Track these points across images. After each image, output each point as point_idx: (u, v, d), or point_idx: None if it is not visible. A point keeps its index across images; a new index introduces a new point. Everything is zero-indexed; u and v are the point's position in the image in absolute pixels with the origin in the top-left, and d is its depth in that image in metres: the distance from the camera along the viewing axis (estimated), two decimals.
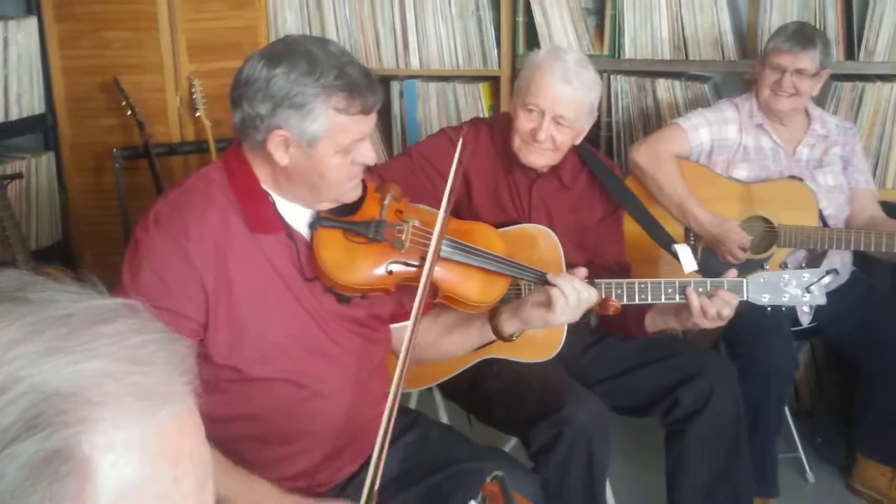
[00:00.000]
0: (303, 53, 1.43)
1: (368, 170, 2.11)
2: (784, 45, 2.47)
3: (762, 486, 2.44)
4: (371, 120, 1.50)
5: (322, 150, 1.45)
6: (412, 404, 2.37)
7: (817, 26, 2.83)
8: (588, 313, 1.74)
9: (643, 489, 2.64)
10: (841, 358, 2.83)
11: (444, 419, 2.31)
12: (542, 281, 1.73)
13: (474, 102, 3.29)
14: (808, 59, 2.46)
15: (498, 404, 2.04)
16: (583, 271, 1.73)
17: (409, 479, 1.65)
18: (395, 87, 3.41)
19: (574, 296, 1.67)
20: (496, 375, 2.04)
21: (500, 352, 2.05)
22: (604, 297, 1.79)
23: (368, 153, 1.51)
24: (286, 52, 1.44)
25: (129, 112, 3.07)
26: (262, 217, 1.50)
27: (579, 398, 1.91)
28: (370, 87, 1.46)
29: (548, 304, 1.68)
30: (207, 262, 1.45)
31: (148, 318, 0.61)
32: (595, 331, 2.21)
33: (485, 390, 2.05)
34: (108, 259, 3.13)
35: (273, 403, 1.53)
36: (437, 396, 2.30)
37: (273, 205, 1.52)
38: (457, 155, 1.59)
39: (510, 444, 2.35)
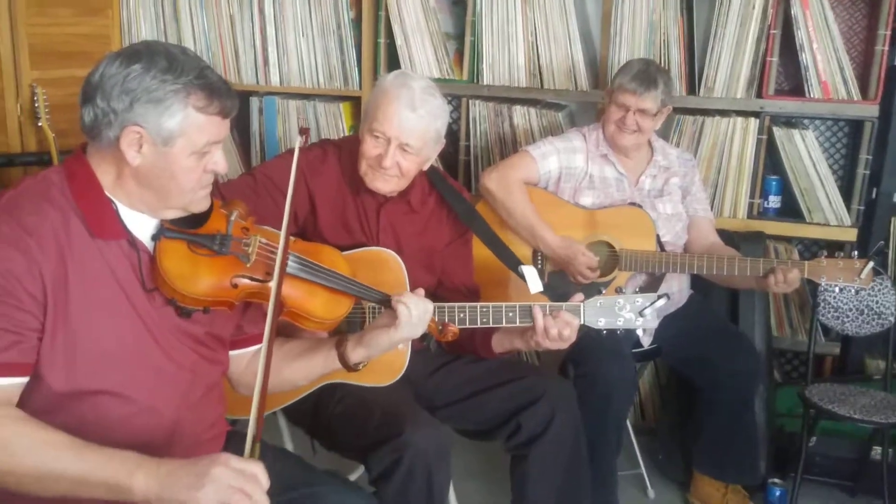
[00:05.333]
0: (162, 53, 1.44)
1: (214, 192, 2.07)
2: (629, 85, 2.57)
3: (602, 502, 2.51)
4: (226, 125, 1.51)
5: (177, 149, 1.44)
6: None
7: (662, 62, 2.98)
8: (427, 336, 1.77)
9: None
10: (681, 377, 2.96)
11: (289, 444, 2.27)
12: (386, 301, 1.76)
13: (335, 121, 3.28)
14: (650, 100, 2.58)
15: (340, 430, 2.01)
16: (420, 290, 1.78)
17: None
18: (255, 102, 3.36)
19: (416, 310, 1.72)
20: (339, 400, 2.02)
21: (345, 376, 2.03)
22: (444, 322, 1.82)
23: (220, 161, 1.51)
24: (145, 51, 1.45)
25: None
26: (104, 222, 1.46)
27: (419, 423, 1.90)
28: (228, 92, 1.49)
29: (391, 323, 1.72)
30: (48, 260, 1.39)
31: None
32: (445, 351, 2.25)
33: (327, 415, 2.03)
34: None
35: (97, 417, 1.45)
36: (282, 422, 2.25)
37: (116, 211, 1.48)
38: (294, 161, 1.58)
39: (358, 471, 2.33)
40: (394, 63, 3.24)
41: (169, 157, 1.44)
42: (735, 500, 2.71)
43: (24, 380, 1.40)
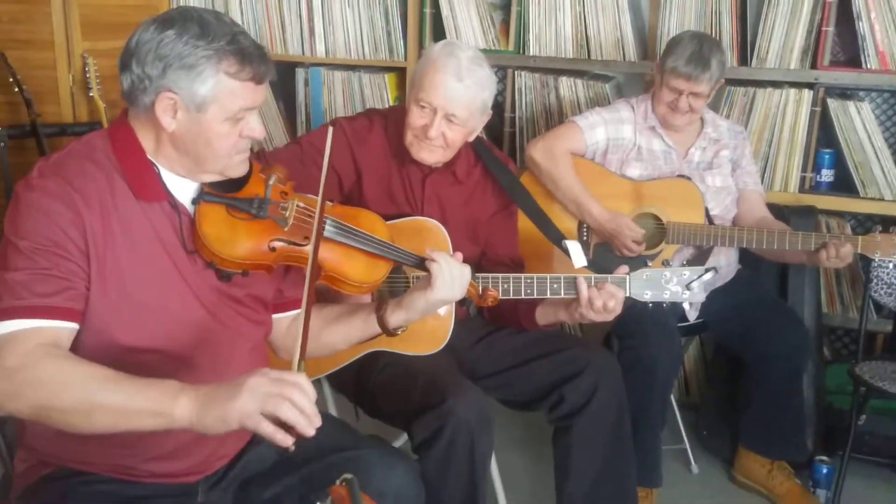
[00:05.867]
0: (195, 19, 1.44)
1: (257, 158, 2.09)
2: (682, 69, 2.48)
3: (646, 476, 2.50)
4: (261, 91, 1.50)
5: (210, 115, 1.45)
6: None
7: (713, 33, 2.91)
8: (466, 301, 1.77)
9: (533, 479, 2.69)
10: (728, 353, 2.93)
11: (333, 411, 2.30)
12: (422, 263, 1.75)
13: (380, 93, 3.28)
14: (704, 84, 2.50)
15: (384, 397, 2.03)
16: (459, 254, 1.76)
17: (286, 467, 1.63)
18: (301, 74, 3.37)
19: (448, 270, 1.71)
20: (382, 368, 2.03)
21: (388, 344, 2.04)
22: (485, 287, 1.83)
23: (256, 126, 1.51)
24: (178, 17, 1.45)
25: (16, 89, 2.95)
26: (146, 184, 1.48)
27: (463, 391, 1.91)
28: (261, 58, 1.47)
29: (427, 285, 1.71)
30: (92, 215, 1.42)
31: None
32: (487, 321, 2.25)
33: (371, 383, 2.04)
34: None
35: (142, 374, 1.45)
36: (326, 388, 2.28)
37: (158, 174, 1.51)
38: (327, 151, 1.57)
39: (401, 439, 2.35)
40: (439, 33, 3.22)
41: (202, 123, 1.45)
42: (780, 477, 2.68)
43: (73, 326, 1.42)
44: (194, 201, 1.53)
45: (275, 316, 1.73)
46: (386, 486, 1.58)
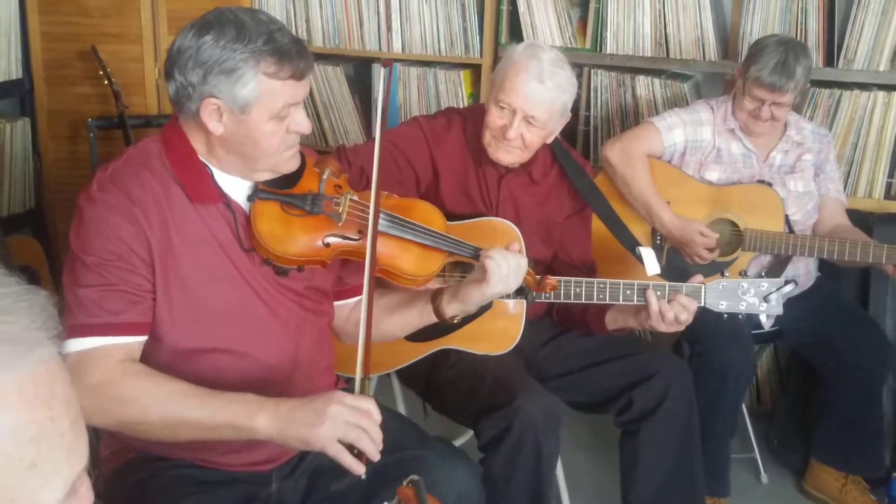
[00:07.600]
0: (231, 21, 1.43)
1: (337, 154, 2.13)
2: (766, 79, 2.40)
3: (714, 485, 2.46)
4: (303, 86, 1.50)
5: (255, 116, 1.45)
6: (370, 390, 2.38)
7: (798, 33, 2.83)
8: (525, 290, 1.77)
9: (598, 482, 2.68)
10: (803, 362, 2.86)
11: (401, 406, 2.33)
12: (476, 255, 1.74)
13: (454, 89, 3.28)
14: (789, 95, 2.42)
15: (452, 394, 2.05)
16: (515, 245, 1.75)
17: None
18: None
19: (505, 264, 1.69)
20: (452, 365, 2.05)
21: (458, 342, 2.07)
22: (543, 275, 1.81)
23: (302, 121, 1.51)
24: (215, 20, 1.44)
25: (105, 81, 3.06)
26: (201, 188, 1.51)
27: (531, 392, 1.92)
28: (300, 53, 1.46)
29: (483, 278, 1.70)
30: (152, 227, 1.47)
31: (1, 273, 0.64)
32: (556, 324, 2.25)
33: (440, 380, 2.07)
34: None
35: (214, 374, 1.52)
36: (395, 383, 2.31)
37: (211, 176, 1.53)
38: (375, 159, 1.56)
39: (466, 435, 2.37)
40: (516, 30, 3.21)
41: (248, 124, 1.45)
42: (854, 492, 2.61)
43: (144, 338, 1.48)
44: (249, 198, 1.55)
45: (336, 303, 1.76)
46: (447, 488, 1.59)
